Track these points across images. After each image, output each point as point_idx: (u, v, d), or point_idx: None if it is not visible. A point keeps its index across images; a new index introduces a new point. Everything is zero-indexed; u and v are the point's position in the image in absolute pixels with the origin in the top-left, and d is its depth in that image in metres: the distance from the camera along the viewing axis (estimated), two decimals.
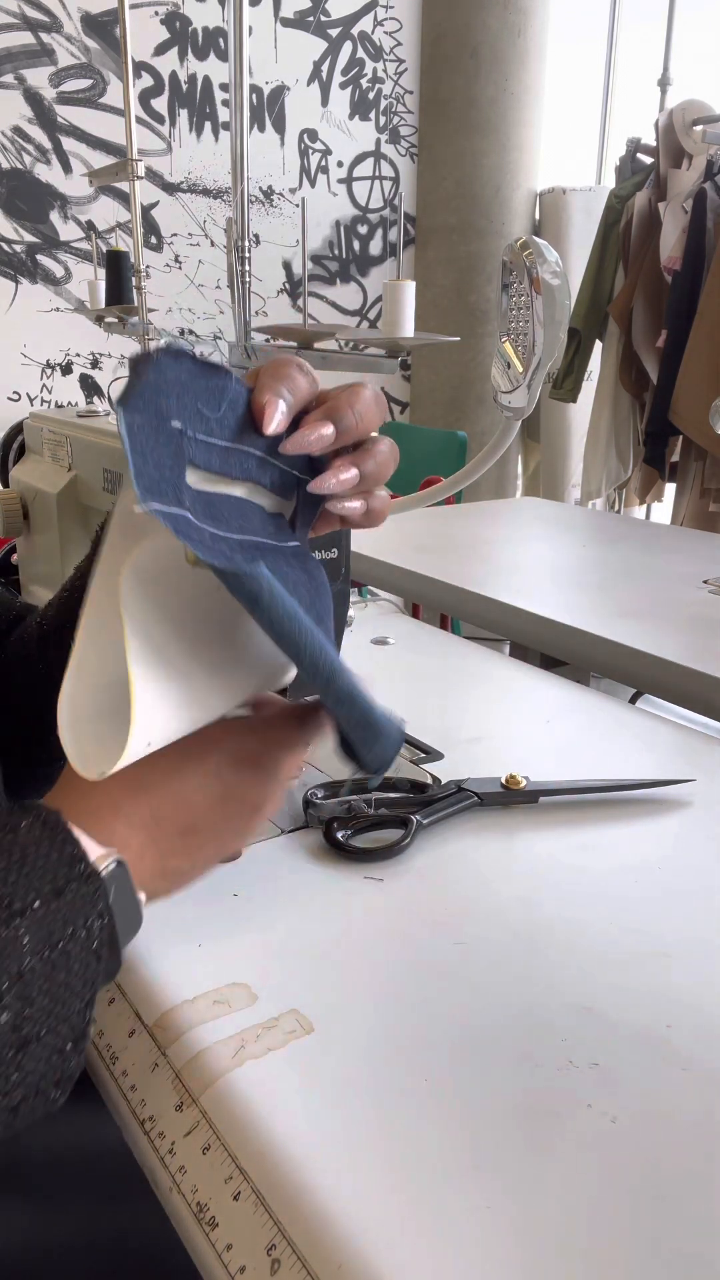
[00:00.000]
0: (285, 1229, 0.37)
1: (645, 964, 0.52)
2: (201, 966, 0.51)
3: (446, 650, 1.03)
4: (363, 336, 0.94)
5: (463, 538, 1.51)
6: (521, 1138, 0.41)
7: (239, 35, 0.96)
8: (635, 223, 2.70)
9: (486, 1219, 0.37)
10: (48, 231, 2.90)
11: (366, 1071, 0.44)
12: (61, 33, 2.79)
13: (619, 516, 2.61)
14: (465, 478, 0.79)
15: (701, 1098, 0.43)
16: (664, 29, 3.03)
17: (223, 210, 3.16)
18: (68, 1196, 0.61)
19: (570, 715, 0.86)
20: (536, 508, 1.84)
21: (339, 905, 0.57)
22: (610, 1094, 0.43)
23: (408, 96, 3.42)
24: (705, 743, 0.80)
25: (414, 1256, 0.35)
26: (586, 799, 0.69)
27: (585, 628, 1.06)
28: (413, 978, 0.51)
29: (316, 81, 3.25)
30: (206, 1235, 0.38)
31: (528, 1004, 0.49)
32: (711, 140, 2.49)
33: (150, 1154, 0.43)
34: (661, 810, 0.69)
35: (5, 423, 1.25)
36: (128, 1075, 0.46)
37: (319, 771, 0.72)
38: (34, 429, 1.08)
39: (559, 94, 3.44)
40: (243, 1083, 0.43)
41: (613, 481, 2.95)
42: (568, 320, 0.71)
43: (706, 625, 1.08)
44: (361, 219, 3.46)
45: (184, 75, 3.01)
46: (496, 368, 0.75)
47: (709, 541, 1.52)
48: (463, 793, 0.67)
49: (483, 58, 3.20)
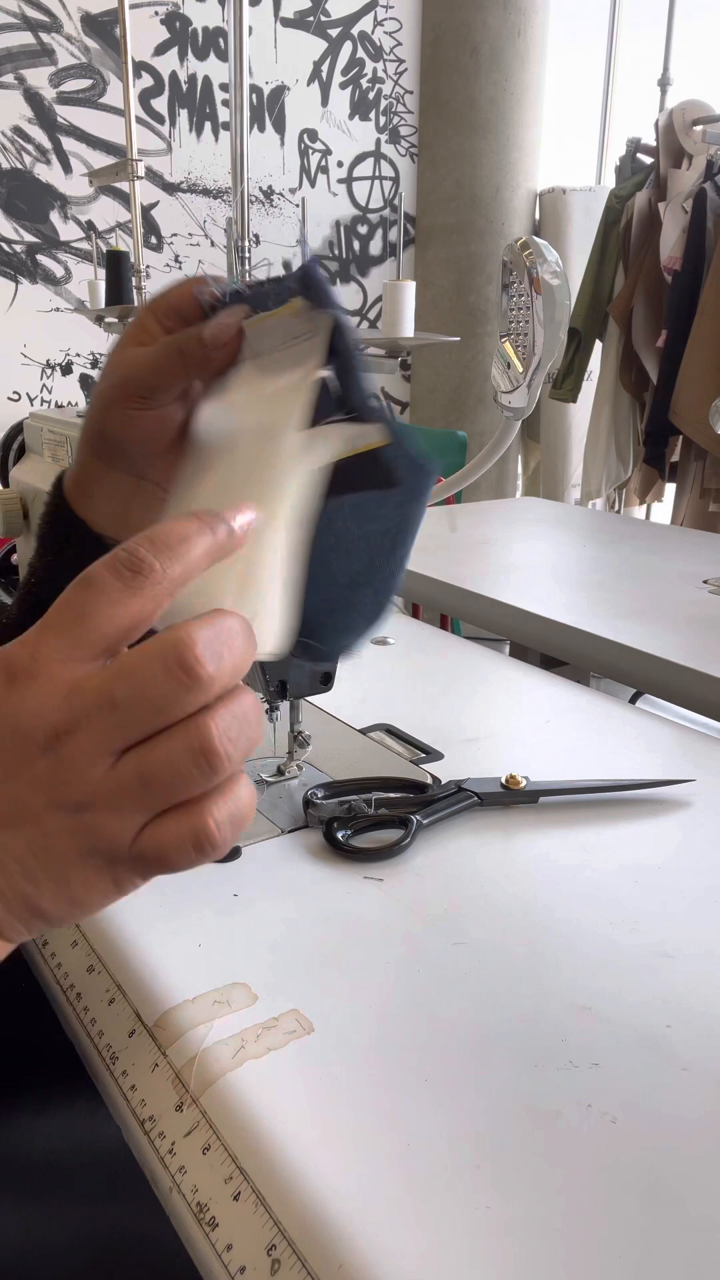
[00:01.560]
0: (285, 1229, 0.37)
1: (645, 964, 0.52)
2: (201, 966, 0.51)
3: (446, 650, 1.03)
4: (363, 336, 0.94)
5: (463, 538, 1.51)
6: (521, 1138, 0.41)
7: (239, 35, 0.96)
8: (635, 223, 2.70)
9: (486, 1219, 0.37)
10: (48, 231, 2.90)
11: (366, 1071, 0.44)
12: (61, 33, 2.79)
13: (619, 516, 2.61)
14: (465, 478, 0.79)
15: (701, 1098, 0.43)
16: (664, 29, 3.03)
17: (223, 210, 3.16)
18: (67, 1196, 0.61)
19: (570, 715, 0.86)
20: (536, 508, 1.84)
21: (339, 905, 0.57)
22: (610, 1094, 0.43)
23: (408, 96, 3.42)
24: (705, 743, 0.80)
25: (414, 1256, 0.35)
26: (586, 799, 0.69)
27: (585, 628, 1.06)
28: (413, 978, 0.51)
29: (316, 81, 3.25)
30: (206, 1235, 0.38)
31: (528, 1004, 0.49)
32: (711, 140, 2.49)
33: (150, 1154, 0.43)
34: (661, 810, 0.69)
35: (5, 423, 1.25)
36: (128, 1075, 0.46)
37: (319, 771, 0.72)
38: (34, 429, 1.08)
39: (559, 94, 3.44)
40: (243, 1083, 0.43)
41: (613, 481, 2.95)
42: (568, 320, 0.71)
43: (706, 625, 1.08)
44: (361, 219, 3.46)
45: (184, 75, 3.01)
46: (496, 368, 0.75)
47: (709, 541, 1.52)
48: (463, 793, 0.67)
49: (483, 58, 3.20)
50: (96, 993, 0.51)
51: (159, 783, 0.31)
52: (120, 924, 0.54)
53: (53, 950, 0.56)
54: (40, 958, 0.56)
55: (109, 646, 0.31)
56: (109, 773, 0.31)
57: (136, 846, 0.32)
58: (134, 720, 0.30)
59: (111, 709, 0.30)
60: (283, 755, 0.71)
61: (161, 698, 0.30)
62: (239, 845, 0.62)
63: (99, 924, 0.55)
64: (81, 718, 0.30)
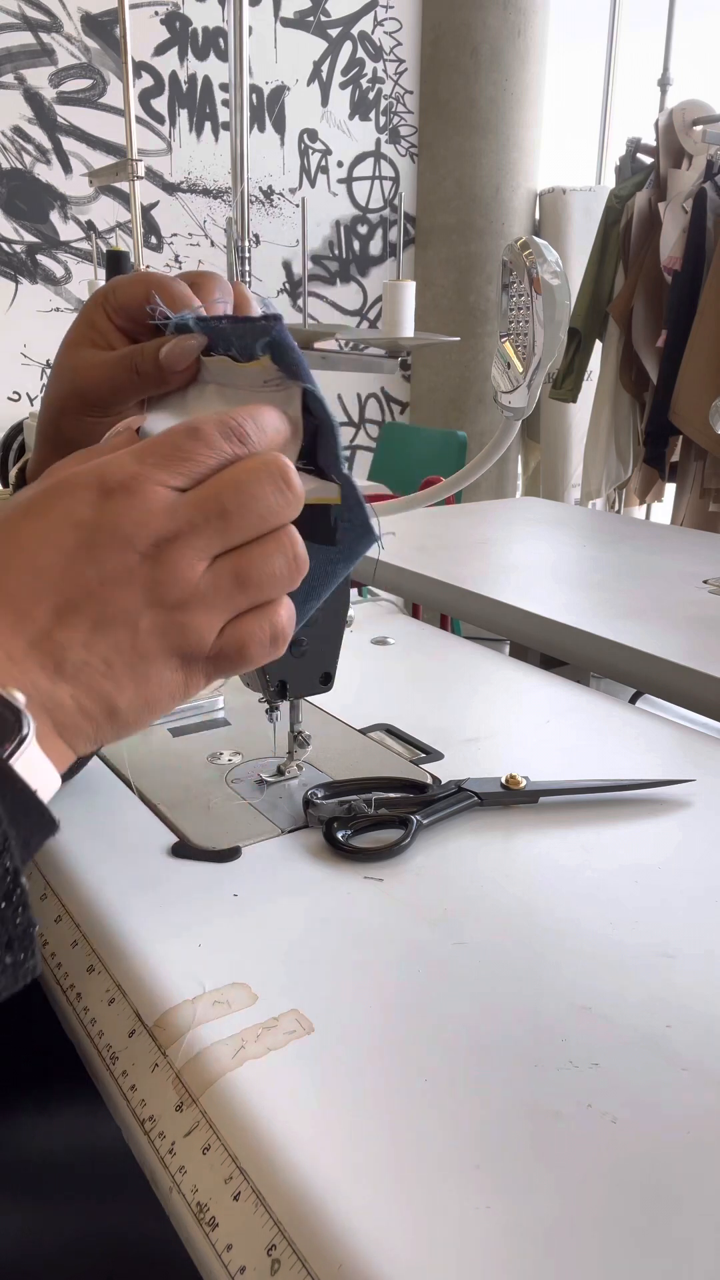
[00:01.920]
0: (285, 1229, 0.37)
1: (645, 964, 0.52)
2: (201, 966, 0.51)
3: (446, 650, 1.03)
4: (363, 336, 0.94)
5: (463, 538, 1.51)
6: (521, 1138, 0.41)
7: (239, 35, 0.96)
8: (635, 223, 2.70)
9: (486, 1219, 0.37)
10: (48, 231, 2.90)
11: (366, 1071, 0.44)
12: (61, 33, 2.79)
13: (619, 516, 2.61)
14: (465, 478, 0.79)
15: (701, 1098, 0.43)
16: (664, 29, 3.03)
17: (223, 210, 3.16)
18: (67, 1196, 0.61)
19: (570, 715, 0.86)
20: (536, 508, 1.84)
21: (339, 905, 0.57)
22: (610, 1094, 0.43)
23: (408, 96, 3.42)
24: (705, 743, 0.80)
25: (414, 1256, 0.35)
26: (586, 799, 0.69)
27: (585, 628, 1.06)
28: (413, 978, 0.51)
29: (316, 81, 3.25)
30: (206, 1235, 0.38)
31: (528, 1004, 0.49)
32: (711, 140, 2.50)
33: (150, 1154, 0.43)
34: (661, 810, 0.69)
35: (5, 423, 1.25)
36: (128, 1075, 0.46)
37: (319, 771, 0.72)
38: (34, 429, 1.08)
39: (559, 94, 3.44)
40: (243, 1083, 0.43)
41: (613, 481, 2.95)
42: (568, 320, 0.71)
43: (706, 625, 1.08)
44: (361, 219, 3.46)
45: (184, 75, 3.01)
46: (496, 368, 0.75)
47: (709, 541, 1.52)
48: (463, 793, 0.67)
49: (483, 58, 3.20)
50: (96, 993, 0.51)
51: (253, 584, 0.35)
52: (120, 924, 0.54)
53: (53, 950, 0.56)
54: (40, 957, 0.56)
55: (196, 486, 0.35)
56: (208, 575, 0.34)
57: (219, 643, 0.36)
58: (242, 527, 0.35)
59: (221, 517, 0.34)
60: (283, 755, 0.71)
61: (268, 509, 0.35)
62: (239, 845, 0.62)
63: (99, 924, 0.55)
64: (187, 527, 0.34)
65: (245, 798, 0.68)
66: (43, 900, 0.59)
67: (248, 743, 0.77)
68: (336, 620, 0.64)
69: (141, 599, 0.34)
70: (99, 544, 0.33)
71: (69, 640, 0.33)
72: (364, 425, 3.67)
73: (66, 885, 0.59)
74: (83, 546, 0.33)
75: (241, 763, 0.73)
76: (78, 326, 0.48)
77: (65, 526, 0.33)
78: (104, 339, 0.47)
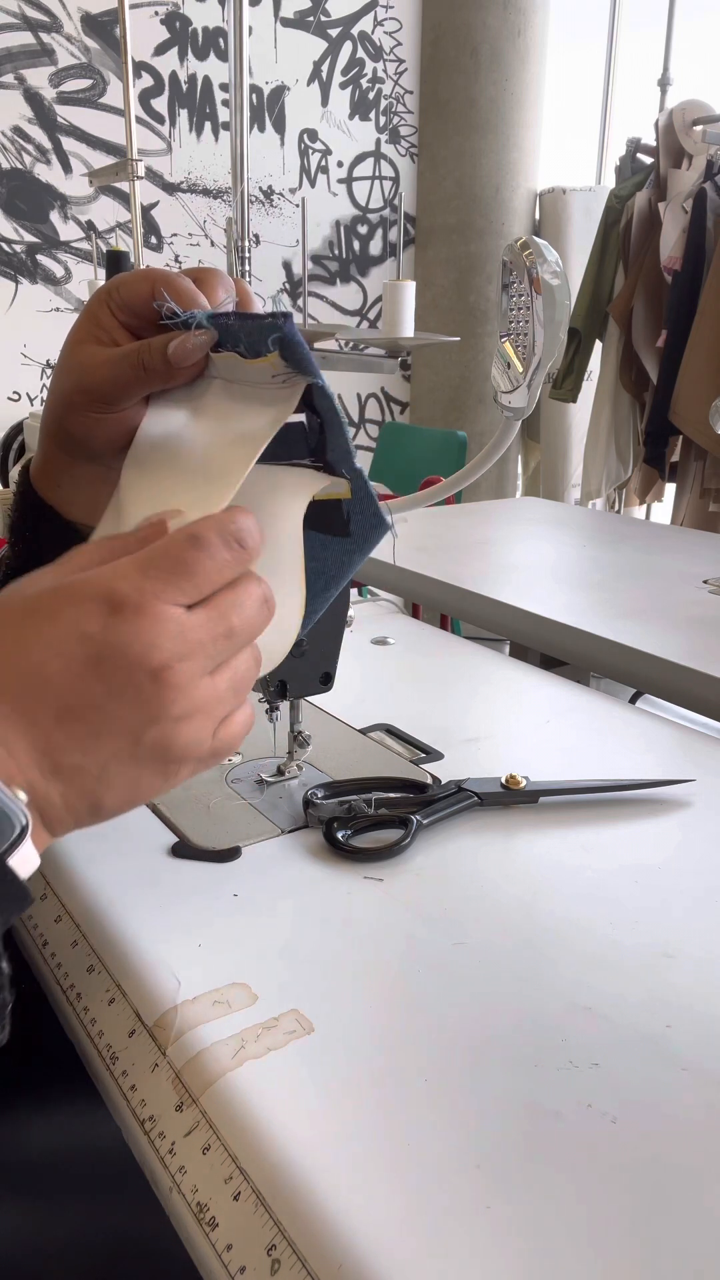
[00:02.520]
0: (285, 1229, 0.37)
1: (645, 964, 0.52)
2: (201, 966, 0.51)
3: (446, 650, 1.03)
4: (363, 336, 0.94)
5: (463, 538, 1.51)
6: (521, 1137, 0.41)
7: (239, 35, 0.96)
8: (635, 223, 2.70)
9: (486, 1219, 0.37)
10: (48, 231, 2.90)
11: (366, 1071, 0.44)
12: (61, 33, 2.79)
13: (619, 516, 2.61)
14: (465, 478, 0.79)
15: (701, 1098, 0.43)
16: (664, 29, 3.03)
17: (223, 210, 3.16)
18: (67, 1196, 0.61)
19: (570, 715, 0.86)
20: (536, 508, 1.84)
21: (339, 905, 0.57)
22: (610, 1094, 0.43)
23: (408, 96, 3.42)
24: (705, 743, 0.80)
25: (414, 1256, 0.35)
26: (586, 799, 0.69)
27: (585, 628, 1.06)
28: (413, 978, 0.51)
29: (316, 81, 3.25)
30: (206, 1235, 0.38)
31: (528, 1004, 0.49)
32: (711, 140, 2.49)
33: (150, 1154, 0.43)
34: (661, 810, 0.69)
35: (5, 423, 1.25)
36: (128, 1075, 0.46)
37: (319, 771, 0.72)
38: (34, 429, 1.08)
39: (559, 94, 3.44)
40: (243, 1083, 0.43)
41: (613, 481, 2.95)
42: (568, 320, 0.71)
43: (706, 625, 1.08)
44: (361, 219, 3.46)
45: (184, 75, 3.01)
46: (496, 368, 0.75)
47: (709, 541, 1.52)
48: (463, 793, 0.67)
49: (483, 58, 3.20)
50: (96, 993, 0.51)
51: (243, 687, 0.39)
52: (120, 924, 0.54)
53: (53, 950, 0.56)
54: (40, 958, 0.56)
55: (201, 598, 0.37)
56: (208, 687, 0.37)
57: (213, 744, 0.38)
58: (241, 644, 0.38)
59: (228, 638, 0.37)
60: (283, 755, 0.71)
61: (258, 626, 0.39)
62: (239, 845, 0.62)
63: (99, 924, 0.55)
64: (195, 647, 0.36)
65: (245, 798, 0.68)
66: (43, 900, 0.59)
67: (248, 743, 0.77)
68: (336, 620, 0.64)
69: (146, 714, 0.35)
70: (107, 660, 0.34)
71: (68, 745, 0.35)
72: (364, 425, 3.67)
73: (66, 885, 0.59)
74: (91, 662, 0.34)
75: (241, 763, 0.73)
76: (82, 323, 0.48)
77: (72, 638, 0.34)
78: (109, 335, 0.47)
